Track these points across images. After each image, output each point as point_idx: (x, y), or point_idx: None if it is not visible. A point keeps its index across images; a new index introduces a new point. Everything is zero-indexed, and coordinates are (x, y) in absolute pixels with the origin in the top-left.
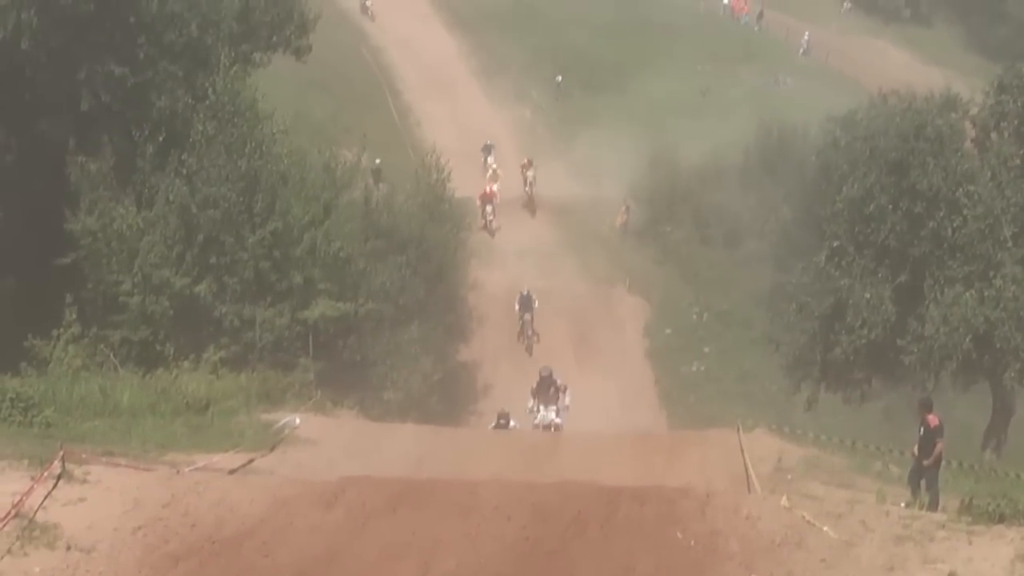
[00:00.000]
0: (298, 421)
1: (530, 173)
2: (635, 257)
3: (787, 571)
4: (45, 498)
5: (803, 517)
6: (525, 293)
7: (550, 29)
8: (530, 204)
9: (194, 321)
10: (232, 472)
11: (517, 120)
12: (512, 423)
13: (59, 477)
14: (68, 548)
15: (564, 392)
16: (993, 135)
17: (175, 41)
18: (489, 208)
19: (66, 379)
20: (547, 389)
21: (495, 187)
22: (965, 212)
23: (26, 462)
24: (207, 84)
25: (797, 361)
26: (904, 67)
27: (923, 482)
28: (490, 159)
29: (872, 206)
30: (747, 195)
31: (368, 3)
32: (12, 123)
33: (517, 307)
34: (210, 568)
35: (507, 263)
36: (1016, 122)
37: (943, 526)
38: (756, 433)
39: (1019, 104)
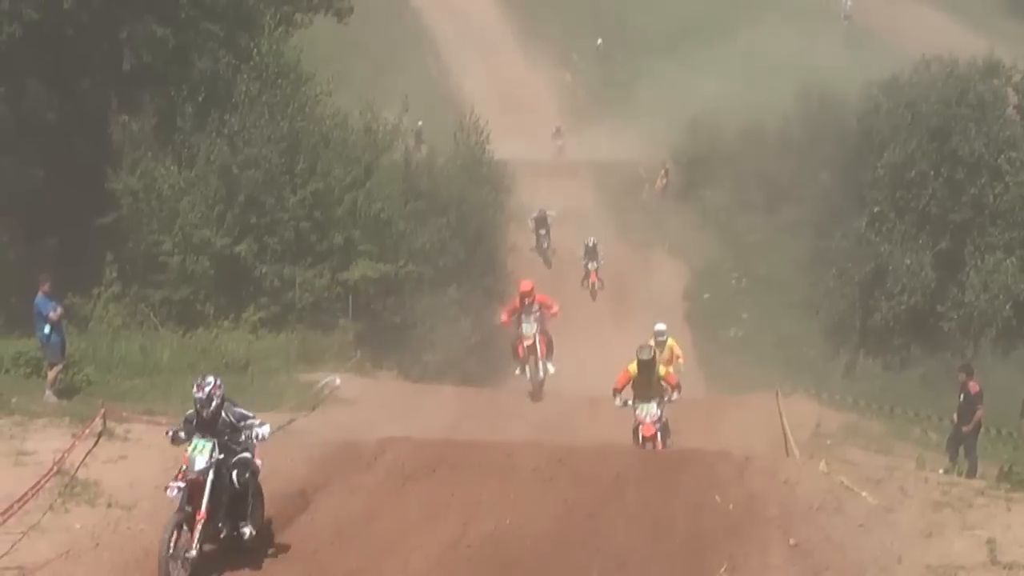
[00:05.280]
0: (338, 381)
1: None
2: (674, 221)
3: (825, 535)
4: (86, 455)
5: (841, 482)
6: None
7: None
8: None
9: (234, 281)
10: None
11: (557, 83)
12: None
13: (100, 435)
14: (109, 505)
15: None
16: None
17: (216, 2)
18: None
19: (107, 337)
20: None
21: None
22: (1007, 179)
23: (67, 419)
24: (252, 45)
25: (836, 327)
26: (946, 33)
27: (962, 448)
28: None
29: (913, 172)
30: (787, 160)
31: None
32: (55, 82)
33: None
34: None
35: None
36: None
37: (982, 493)
38: (795, 398)
39: None
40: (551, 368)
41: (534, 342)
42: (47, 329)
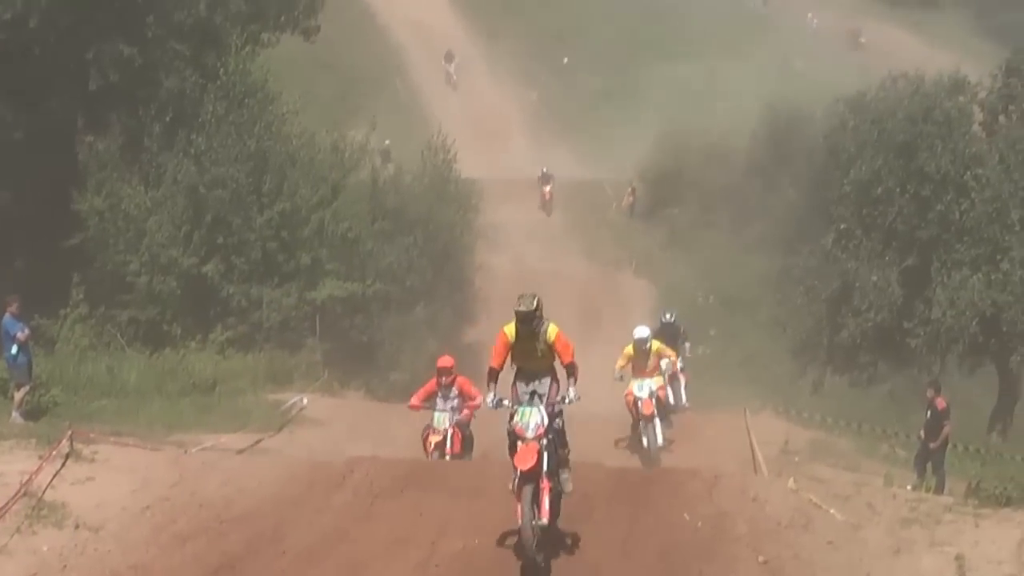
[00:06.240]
0: (305, 401)
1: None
2: (641, 240)
3: (794, 553)
4: (53, 477)
5: (810, 499)
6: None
7: (557, 11)
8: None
9: (201, 301)
10: (240, 452)
11: (523, 101)
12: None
13: (67, 456)
14: (76, 527)
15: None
16: (1001, 118)
17: (183, 21)
18: None
19: (73, 359)
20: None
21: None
22: (973, 195)
23: (34, 441)
24: (219, 64)
25: (804, 344)
26: (912, 50)
27: (929, 465)
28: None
29: (880, 189)
30: (754, 178)
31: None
32: (21, 102)
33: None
34: (218, 548)
35: (513, 245)
36: None
37: (950, 509)
38: (763, 416)
39: None
40: None
41: (444, 439)
42: (14, 350)
